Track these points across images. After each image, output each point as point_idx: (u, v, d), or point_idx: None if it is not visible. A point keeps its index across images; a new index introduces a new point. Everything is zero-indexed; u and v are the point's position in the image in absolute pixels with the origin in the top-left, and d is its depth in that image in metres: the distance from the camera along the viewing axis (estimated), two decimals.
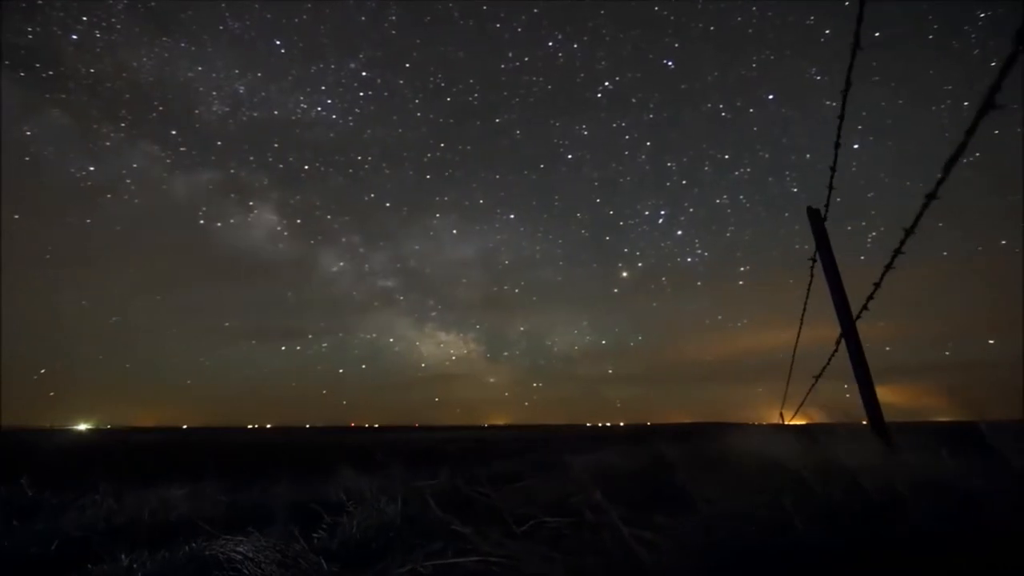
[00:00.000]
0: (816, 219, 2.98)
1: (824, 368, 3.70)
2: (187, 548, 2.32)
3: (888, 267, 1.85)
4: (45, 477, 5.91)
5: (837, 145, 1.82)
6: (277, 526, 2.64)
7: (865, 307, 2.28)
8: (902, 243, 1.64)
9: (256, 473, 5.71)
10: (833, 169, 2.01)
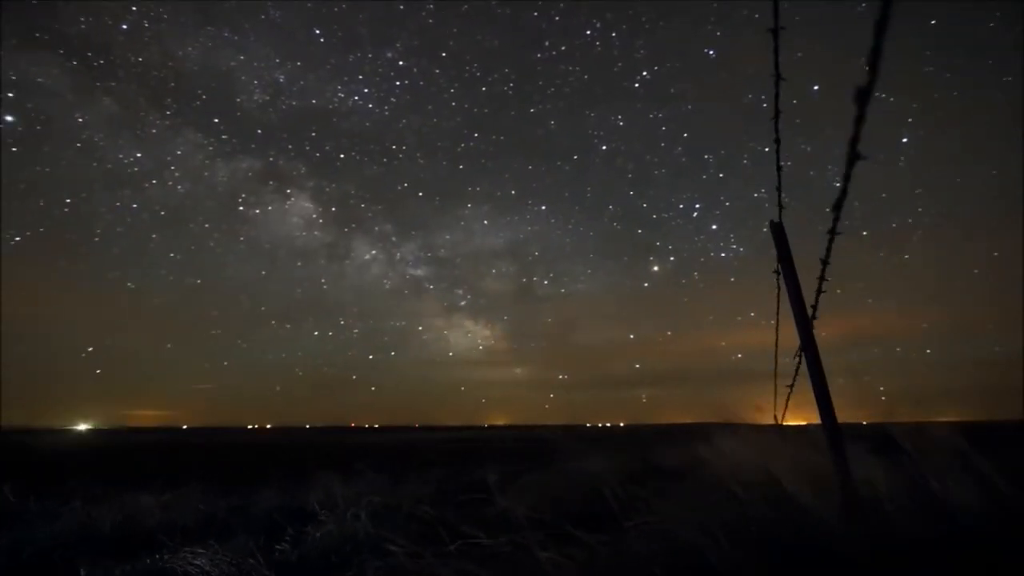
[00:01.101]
0: (779, 233, 3.01)
1: (795, 379, 3.75)
2: (148, 561, 2.36)
3: (822, 281, 1.86)
4: (32, 482, 5.95)
5: (777, 141, 1.83)
6: (242, 538, 2.68)
7: (814, 316, 2.30)
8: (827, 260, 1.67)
9: (239, 479, 5.74)
10: (779, 167, 2.01)
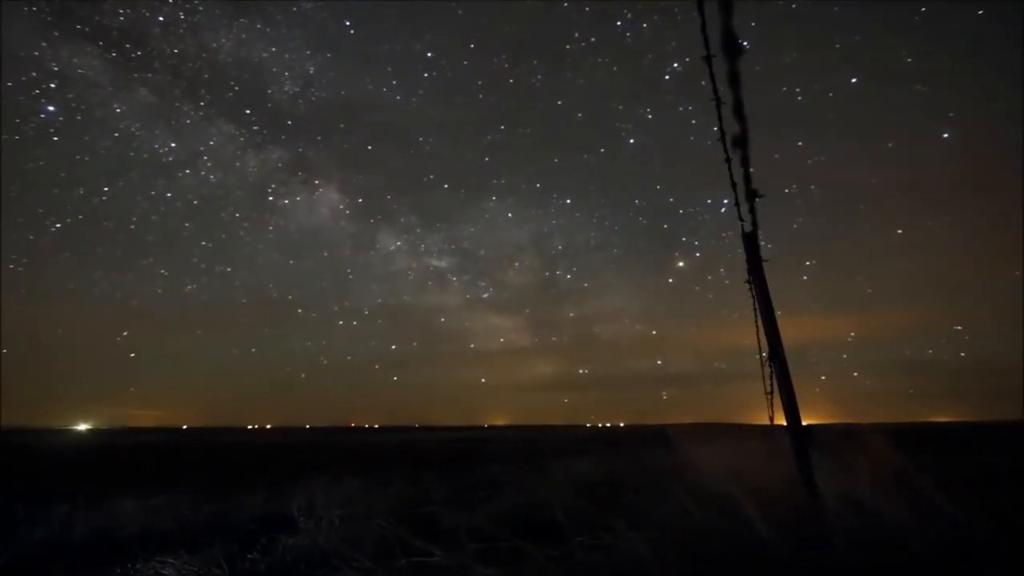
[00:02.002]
0: (750, 242, 3.03)
1: (771, 386, 3.77)
2: (118, 570, 2.38)
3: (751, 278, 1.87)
4: (26, 484, 5.98)
5: (728, 160, 1.85)
6: (217, 546, 2.70)
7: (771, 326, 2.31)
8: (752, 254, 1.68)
9: (226, 484, 5.76)
10: (734, 184, 2.04)
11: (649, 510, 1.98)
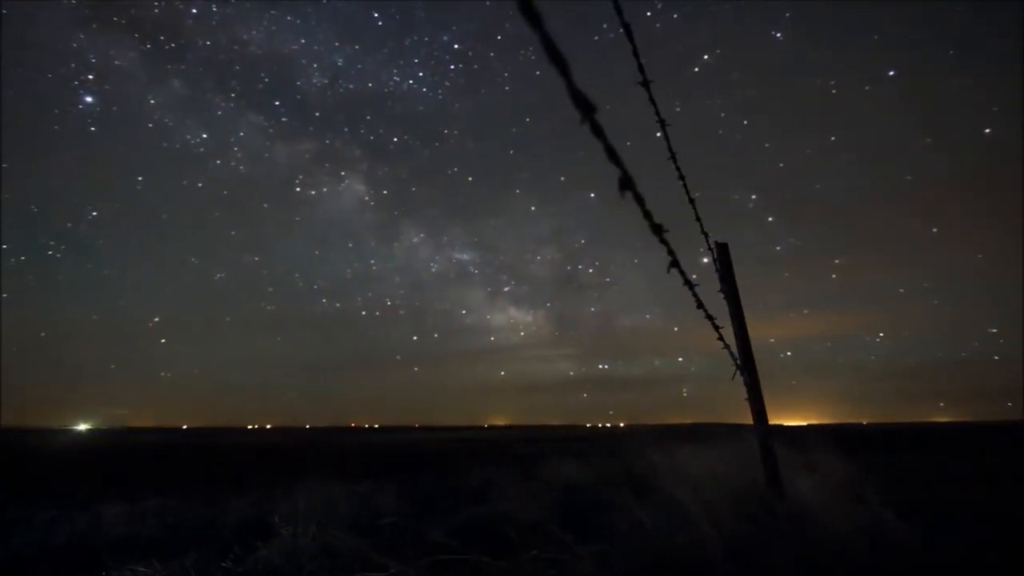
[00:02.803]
0: (723, 253, 3.05)
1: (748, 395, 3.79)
2: None
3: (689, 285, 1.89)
4: (18, 487, 6.01)
5: (681, 178, 1.87)
6: (192, 554, 2.72)
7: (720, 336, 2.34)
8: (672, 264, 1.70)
9: (213, 487, 5.79)
10: (691, 200, 2.06)
11: (604, 522, 2.00)
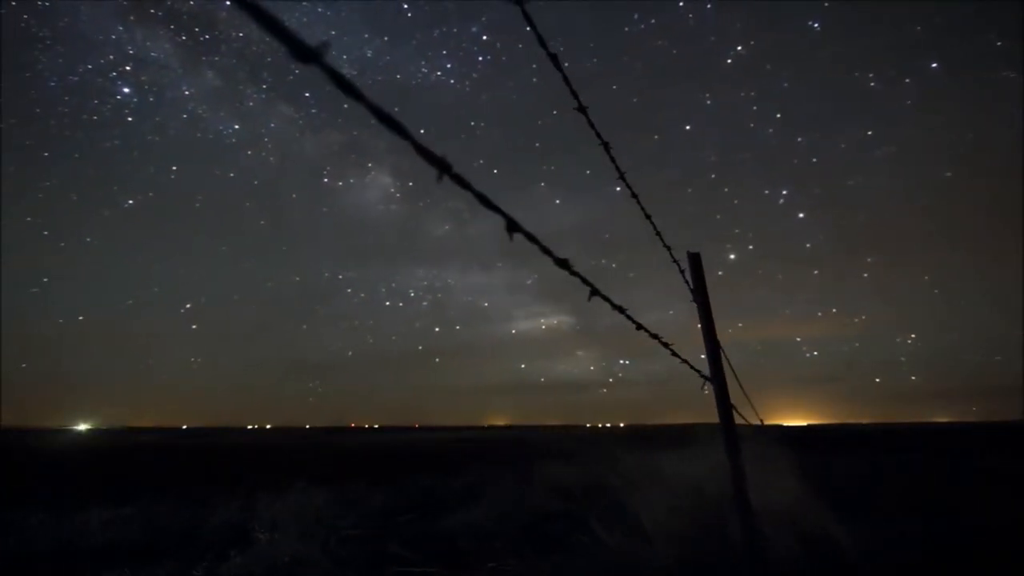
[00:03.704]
0: (695, 263, 3.08)
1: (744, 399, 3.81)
2: None
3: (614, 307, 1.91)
4: (9, 490, 6.04)
5: (634, 196, 1.90)
6: (168, 561, 2.76)
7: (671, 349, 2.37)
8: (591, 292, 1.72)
9: (201, 490, 5.82)
10: (648, 216, 2.09)
11: (569, 533, 2.03)
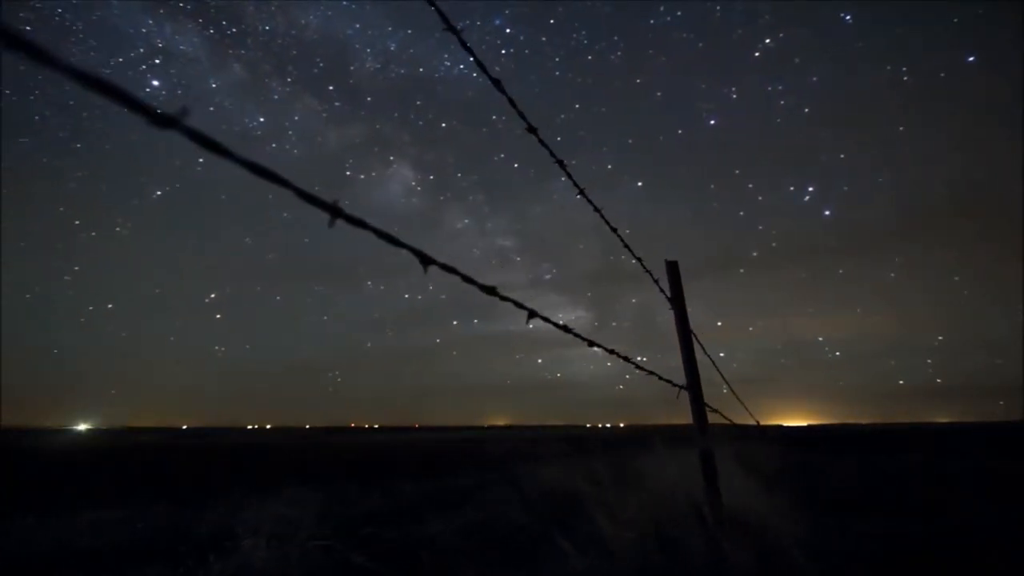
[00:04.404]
0: (673, 271, 3.10)
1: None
2: None
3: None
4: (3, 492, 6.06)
5: (596, 210, 1.93)
6: (147, 569, 2.78)
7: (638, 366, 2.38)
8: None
9: (191, 493, 5.84)
10: (614, 230, 2.12)
11: (538, 543, 2.05)
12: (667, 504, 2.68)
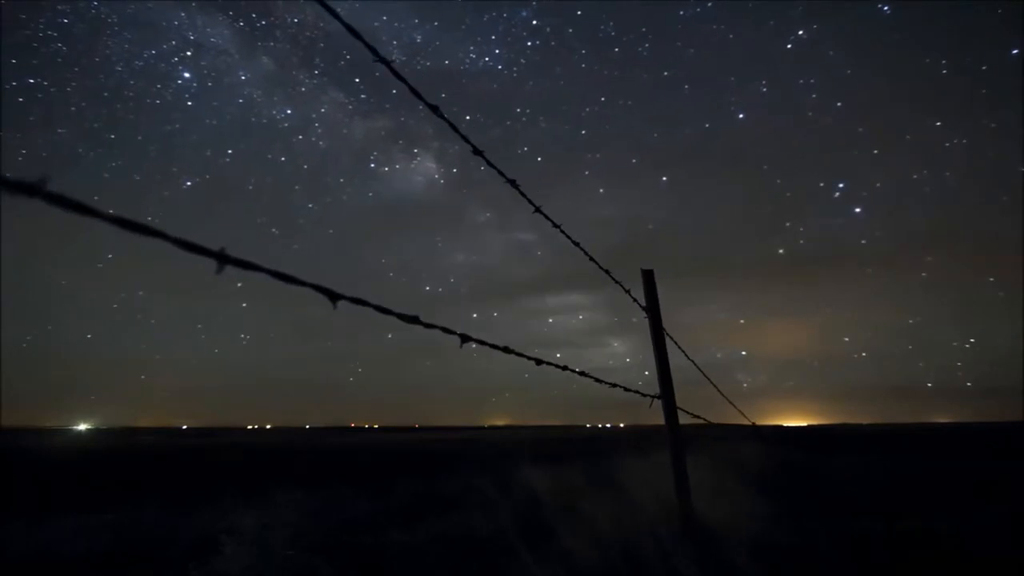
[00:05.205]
0: (649, 280, 3.12)
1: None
2: None
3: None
4: None
5: (556, 226, 1.96)
6: (131, 573, 2.80)
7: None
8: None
9: (185, 495, 5.87)
10: (576, 243, 2.15)
11: (494, 563, 2.07)
12: (645, 510, 2.70)
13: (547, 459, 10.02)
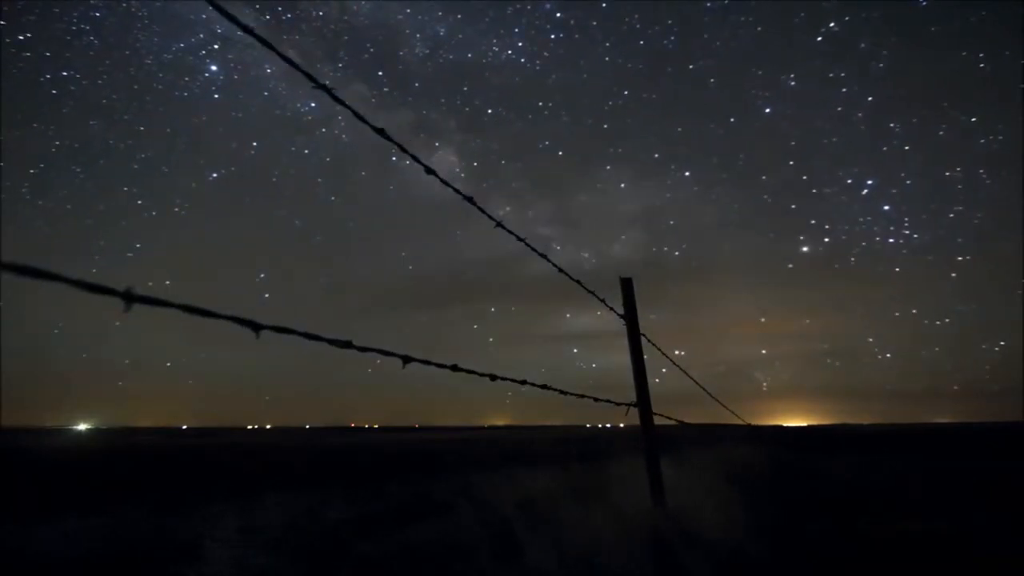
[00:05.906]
0: (627, 288, 3.16)
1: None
2: None
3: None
4: None
5: (521, 239, 2.00)
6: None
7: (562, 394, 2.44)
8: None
9: (181, 496, 5.93)
10: (543, 255, 2.19)
11: (478, 567, 2.10)
12: (626, 513, 2.74)
13: (547, 459, 10.06)
